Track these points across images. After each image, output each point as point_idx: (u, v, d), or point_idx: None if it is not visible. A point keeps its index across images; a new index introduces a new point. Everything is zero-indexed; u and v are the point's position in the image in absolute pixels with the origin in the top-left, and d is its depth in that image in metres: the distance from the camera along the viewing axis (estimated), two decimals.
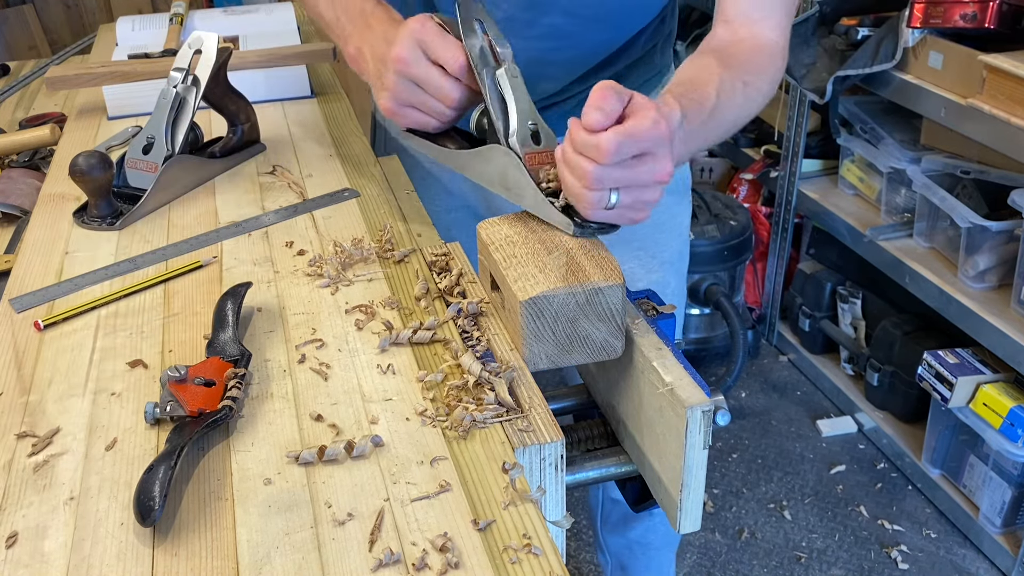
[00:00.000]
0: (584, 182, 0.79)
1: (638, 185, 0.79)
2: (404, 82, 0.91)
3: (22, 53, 3.60)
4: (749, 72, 0.96)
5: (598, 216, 0.82)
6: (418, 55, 0.89)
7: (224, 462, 0.72)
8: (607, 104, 0.76)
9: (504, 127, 0.90)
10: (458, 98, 0.92)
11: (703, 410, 0.72)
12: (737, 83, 0.94)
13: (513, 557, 0.62)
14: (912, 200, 2.18)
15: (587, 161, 0.77)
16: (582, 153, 0.78)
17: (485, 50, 0.90)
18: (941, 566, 2.04)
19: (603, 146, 0.75)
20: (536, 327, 0.79)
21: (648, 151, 0.78)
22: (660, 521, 1.57)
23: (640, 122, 0.76)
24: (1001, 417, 1.85)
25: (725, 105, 0.92)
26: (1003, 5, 1.76)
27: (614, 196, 0.79)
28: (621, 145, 0.75)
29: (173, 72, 1.14)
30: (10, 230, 1.19)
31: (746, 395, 2.59)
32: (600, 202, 0.79)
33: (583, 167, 0.78)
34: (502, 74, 0.90)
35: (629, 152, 0.77)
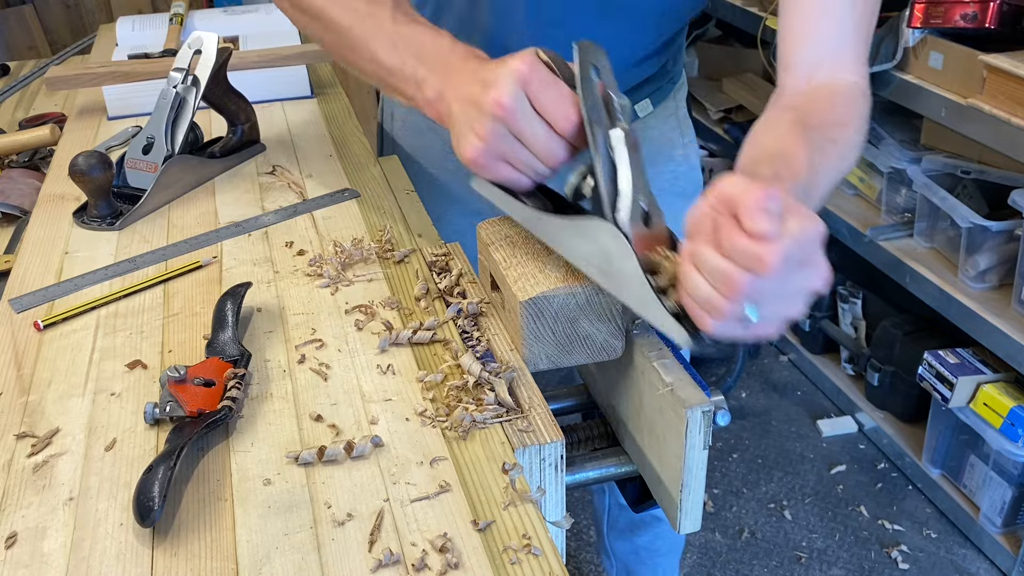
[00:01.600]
0: (726, 293, 0.64)
1: (787, 297, 0.65)
2: (502, 133, 0.77)
3: (22, 53, 3.60)
4: (834, 127, 0.84)
5: (725, 332, 0.67)
6: (523, 104, 0.75)
7: (224, 462, 0.72)
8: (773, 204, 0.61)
9: (612, 200, 0.74)
10: (564, 159, 0.78)
11: (703, 410, 0.72)
12: (826, 145, 0.81)
13: (513, 557, 0.62)
14: (912, 200, 2.18)
15: (738, 270, 0.62)
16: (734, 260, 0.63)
17: (600, 103, 0.75)
18: (941, 566, 2.04)
19: (768, 257, 0.61)
20: (536, 327, 0.79)
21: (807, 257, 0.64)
22: (668, 528, 1.57)
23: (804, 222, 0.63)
24: (1001, 417, 1.85)
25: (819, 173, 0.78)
26: (1003, 5, 1.76)
27: (754, 311, 0.64)
28: (788, 256, 0.61)
29: (173, 72, 1.14)
30: (10, 230, 1.19)
31: (746, 395, 2.59)
32: (736, 316, 0.65)
33: (730, 276, 0.63)
34: (618, 136, 0.74)
35: (795, 263, 0.63)
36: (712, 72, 3.12)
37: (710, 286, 0.65)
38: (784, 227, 0.61)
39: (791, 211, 0.63)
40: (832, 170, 0.82)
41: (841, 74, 0.88)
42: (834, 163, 0.82)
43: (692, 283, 0.67)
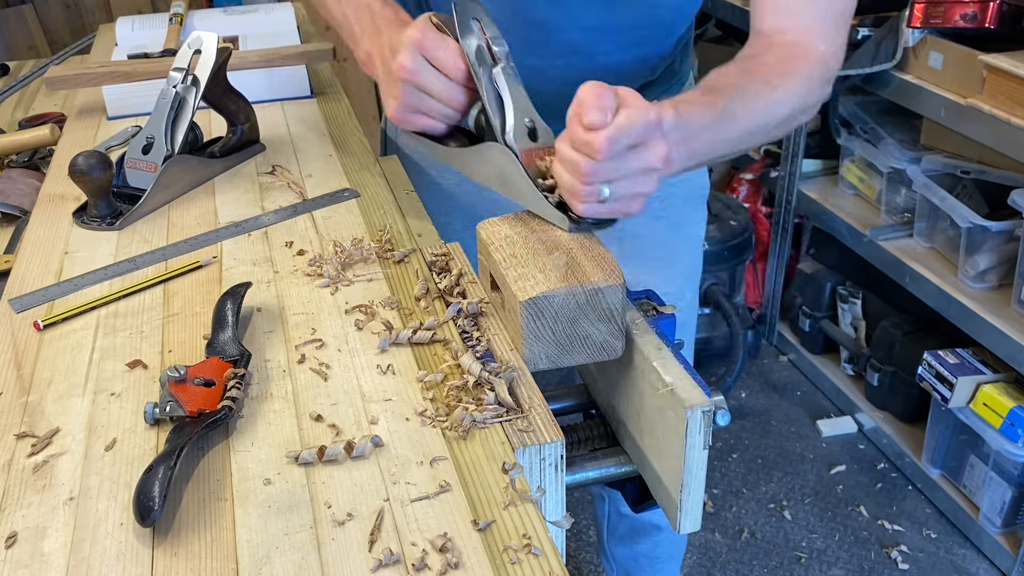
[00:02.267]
0: (577, 178, 0.80)
1: (630, 176, 0.80)
2: (410, 90, 0.92)
3: (22, 53, 3.60)
4: (776, 75, 0.95)
5: (591, 211, 0.83)
6: (420, 63, 0.90)
7: (224, 462, 0.72)
8: (605, 101, 0.77)
9: (501, 124, 0.91)
10: (463, 101, 0.93)
11: (703, 410, 0.72)
12: (760, 86, 0.94)
13: (513, 557, 0.62)
14: (912, 200, 2.18)
15: (582, 157, 0.79)
16: (578, 150, 0.79)
17: (482, 49, 0.91)
18: (941, 566, 2.04)
19: (597, 143, 0.77)
20: (536, 327, 0.79)
21: (640, 141, 0.79)
22: (667, 535, 1.57)
23: (631, 113, 0.77)
24: (1001, 417, 1.85)
25: (740, 108, 0.91)
26: (1003, 5, 1.76)
27: (606, 189, 0.80)
28: (615, 140, 0.77)
29: (173, 72, 1.14)
30: (10, 230, 1.19)
31: (746, 395, 2.59)
32: (591, 196, 0.81)
33: (577, 163, 0.79)
34: (498, 72, 0.91)
35: (623, 145, 0.78)
36: None
37: (568, 175, 0.82)
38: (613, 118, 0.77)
39: (625, 105, 0.78)
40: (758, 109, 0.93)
41: (807, 39, 0.98)
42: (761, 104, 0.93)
43: (557, 174, 0.84)
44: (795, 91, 0.96)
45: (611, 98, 0.78)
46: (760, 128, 0.95)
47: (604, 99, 0.77)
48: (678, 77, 1.27)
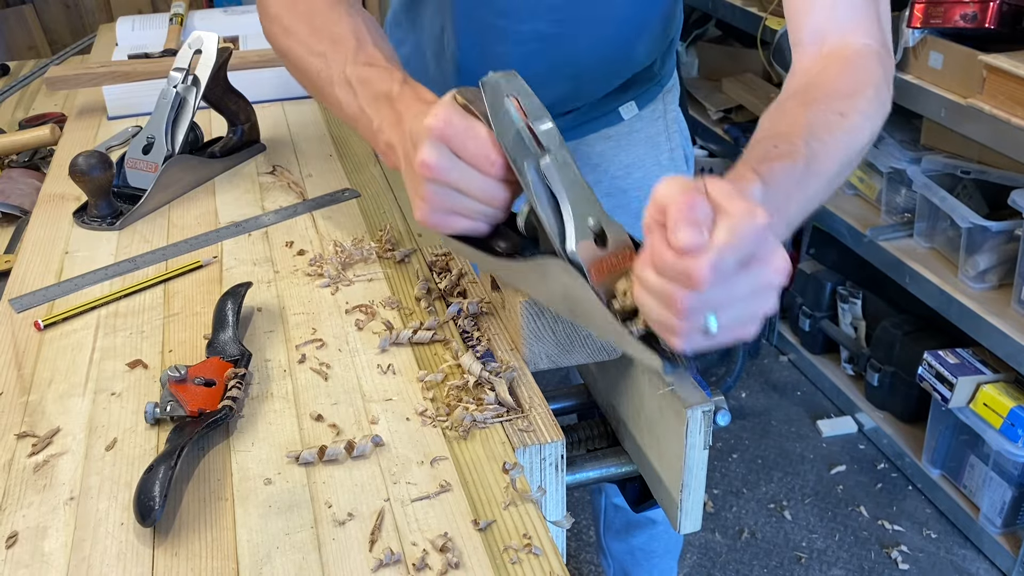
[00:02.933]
0: (674, 313, 0.62)
1: (743, 299, 0.62)
2: (439, 191, 0.76)
3: (22, 53, 3.60)
4: (841, 98, 0.81)
5: (695, 347, 0.64)
6: (447, 159, 0.74)
7: (224, 462, 0.72)
8: (699, 211, 0.59)
9: (559, 233, 0.72)
10: (506, 198, 0.77)
11: (703, 410, 0.72)
12: (831, 117, 0.79)
13: (513, 557, 0.62)
14: (912, 200, 2.18)
15: (677, 289, 0.60)
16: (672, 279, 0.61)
17: (522, 134, 0.73)
18: (941, 566, 2.04)
19: (697, 272, 0.58)
20: (536, 327, 0.79)
21: (753, 254, 0.61)
22: (663, 529, 1.57)
23: (734, 223, 0.59)
24: (1001, 417, 1.85)
25: (821, 150, 0.76)
26: (1003, 5, 1.76)
27: (713, 321, 0.62)
28: (720, 265, 0.59)
29: (173, 72, 1.14)
30: (10, 230, 1.19)
31: (746, 395, 2.59)
32: (696, 331, 0.62)
33: (671, 296, 0.61)
34: (547, 165, 0.72)
35: (732, 266, 0.60)
36: (712, 72, 3.12)
37: (659, 307, 0.63)
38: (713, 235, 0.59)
39: (724, 212, 0.59)
40: (839, 147, 0.78)
41: (851, 38, 0.85)
42: (841, 139, 0.78)
43: (645, 306, 0.65)
44: (869, 111, 0.82)
45: (704, 206, 0.59)
46: (845, 166, 0.80)
47: (696, 209, 0.58)
48: (658, 79, 1.24)
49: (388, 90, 0.85)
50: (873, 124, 0.82)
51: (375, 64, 0.88)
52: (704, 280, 0.58)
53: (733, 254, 0.59)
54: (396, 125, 0.82)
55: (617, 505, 1.58)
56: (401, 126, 0.81)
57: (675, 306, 0.61)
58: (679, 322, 0.62)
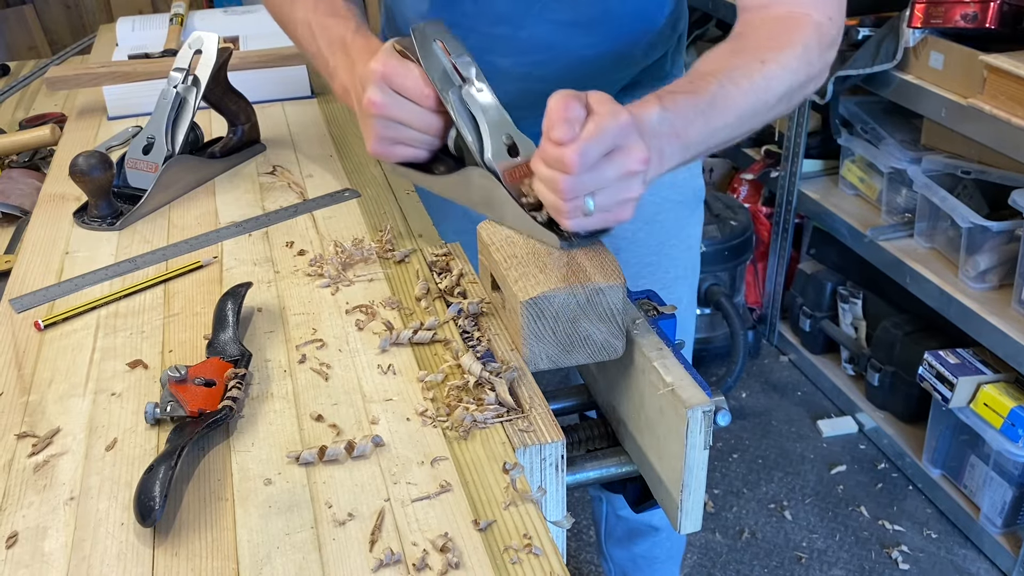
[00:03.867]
0: (557, 195, 0.77)
1: (611, 183, 0.77)
2: (383, 124, 0.90)
3: (22, 53, 3.60)
4: (766, 50, 0.90)
5: (579, 226, 0.80)
6: (388, 96, 0.88)
7: (224, 462, 0.72)
8: (571, 112, 0.74)
9: (479, 146, 0.88)
10: (438, 126, 0.91)
11: (704, 410, 0.72)
12: (752, 63, 0.88)
13: (514, 557, 0.62)
14: (913, 200, 2.18)
15: (557, 174, 0.76)
16: (552, 167, 0.77)
17: (447, 71, 0.89)
18: (942, 566, 2.04)
19: (568, 158, 0.74)
20: (537, 327, 0.79)
21: (615, 146, 0.76)
22: (665, 536, 1.56)
23: (599, 120, 0.74)
24: (1002, 417, 1.85)
25: (733, 90, 0.86)
26: (1003, 5, 1.76)
27: (590, 202, 0.77)
28: (586, 151, 0.74)
29: (173, 72, 1.14)
30: (10, 230, 1.19)
31: (746, 395, 2.59)
32: (576, 211, 0.78)
33: (554, 180, 0.77)
34: (468, 92, 0.88)
35: (597, 154, 0.75)
36: None
37: (549, 193, 0.79)
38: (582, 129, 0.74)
39: (594, 112, 0.75)
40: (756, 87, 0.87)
41: (794, 7, 0.93)
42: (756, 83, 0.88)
43: (539, 192, 0.81)
44: (791, 64, 0.90)
45: (577, 107, 0.75)
46: (759, 108, 0.89)
47: (570, 110, 0.74)
48: (668, 79, 1.23)
49: (342, 36, 0.99)
50: (794, 78, 0.90)
51: (336, 14, 1.02)
52: (574, 164, 0.74)
53: (598, 144, 0.74)
54: (348, 69, 0.96)
55: (619, 515, 1.57)
56: (352, 70, 0.95)
57: (557, 188, 0.77)
58: (563, 203, 0.78)
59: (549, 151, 0.76)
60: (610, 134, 0.75)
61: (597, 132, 0.74)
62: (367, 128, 0.92)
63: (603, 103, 0.76)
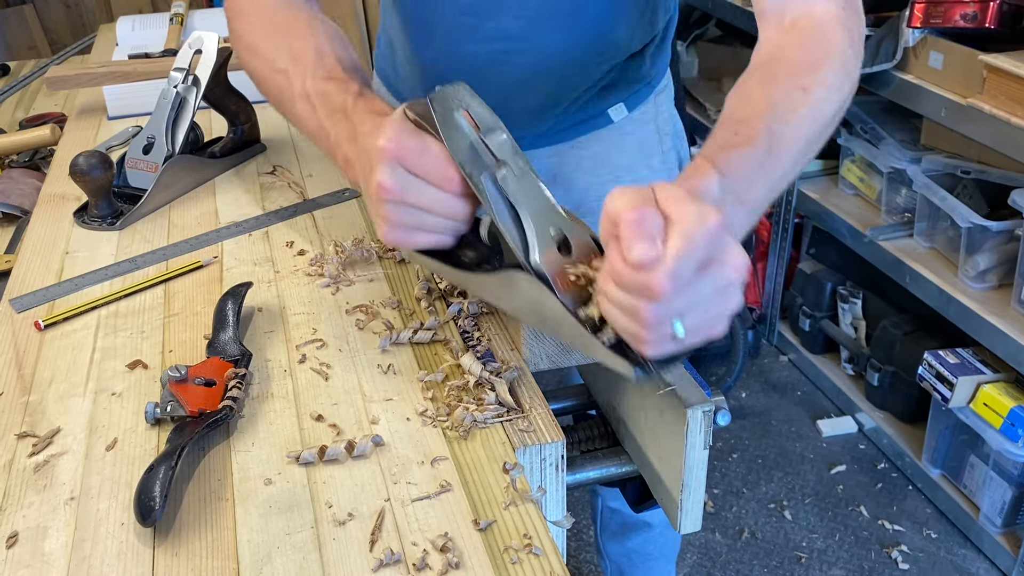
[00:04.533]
0: (640, 324, 0.63)
1: (706, 301, 0.63)
2: (399, 210, 0.76)
3: (22, 53, 3.60)
4: (803, 73, 0.80)
5: (665, 352, 0.65)
6: (403, 179, 0.74)
7: (224, 462, 0.72)
8: (648, 225, 0.60)
9: (522, 245, 0.72)
10: (466, 211, 0.77)
11: (703, 410, 0.72)
12: (793, 94, 0.78)
13: (514, 557, 0.62)
14: (912, 200, 2.18)
15: (640, 301, 0.62)
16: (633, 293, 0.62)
17: (477, 147, 0.73)
18: (941, 566, 2.04)
19: (656, 285, 0.60)
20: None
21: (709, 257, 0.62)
22: (659, 532, 1.56)
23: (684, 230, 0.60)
24: (1001, 417, 1.85)
25: (784, 131, 0.76)
26: (1003, 5, 1.76)
27: (679, 326, 0.63)
28: (678, 274, 0.60)
29: (173, 72, 1.14)
30: (10, 230, 1.19)
31: (746, 395, 2.59)
32: (664, 339, 0.64)
33: (635, 309, 0.63)
34: (504, 176, 0.72)
35: (690, 273, 0.61)
36: (712, 72, 3.12)
37: (628, 320, 0.64)
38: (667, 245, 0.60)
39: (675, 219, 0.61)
40: (803, 124, 0.78)
41: (813, 5, 0.84)
42: (805, 115, 0.78)
43: (612, 318, 0.66)
44: (834, 82, 0.80)
45: (654, 218, 0.60)
46: (813, 141, 0.79)
47: (647, 223, 0.60)
48: (648, 80, 1.19)
49: (343, 103, 0.85)
50: (840, 96, 0.81)
51: (333, 77, 0.87)
52: (663, 291, 0.60)
53: (689, 261, 0.60)
54: (352, 140, 0.82)
55: (612, 508, 1.57)
56: (356, 141, 0.81)
57: (640, 318, 0.62)
58: (646, 332, 0.63)
59: (627, 277, 0.61)
60: (702, 245, 0.61)
61: (687, 247, 0.60)
62: (377, 213, 0.77)
63: (682, 203, 0.61)
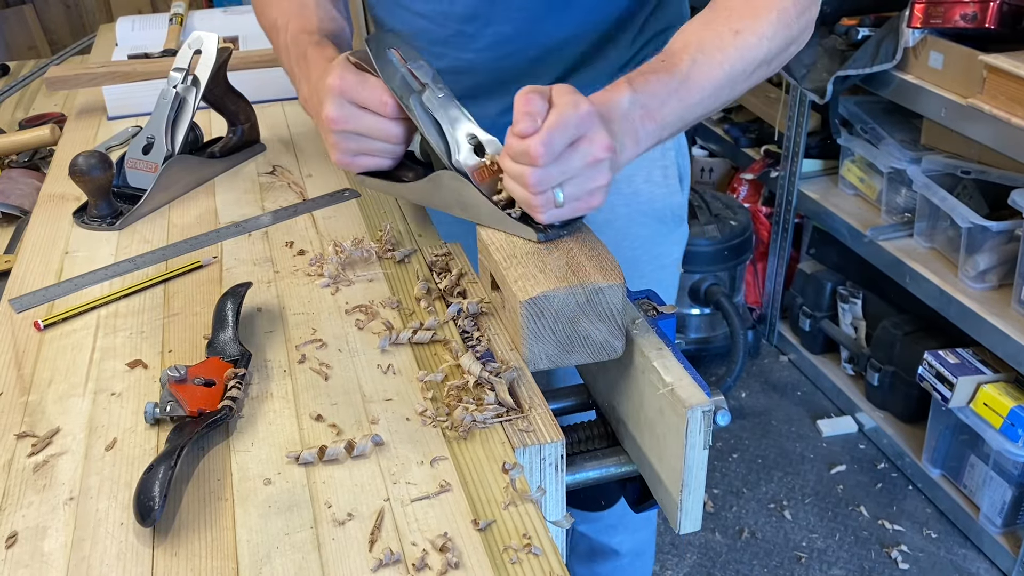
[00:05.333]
0: (527, 189, 0.79)
1: (578, 173, 0.79)
2: (344, 136, 0.91)
3: (22, 53, 3.60)
4: (739, 19, 0.90)
5: (553, 217, 0.82)
6: (346, 109, 0.89)
7: (224, 462, 0.72)
8: (533, 106, 0.76)
9: (445, 149, 0.89)
10: (401, 133, 0.92)
11: (703, 410, 0.72)
12: (725, 35, 0.89)
13: (513, 557, 0.62)
14: (912, 200, 2.18)
15: (523, 167, 0.78)
16: (519, 161, 0.79)
17: (406, 77, 0.89)
18: (941, 566, 2.04)
19: (532, 150, 0.76)
20: (536, 327, 0.79)
21: (578, 135, 0.78)
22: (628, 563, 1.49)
23: (560, 110, 0.76)
24: (1001, 417, 1.85)
25: (706, 63, 0.87)
26: (1003, 5, 1.76)
27: (559, 193, 0.79)
28: (549, 142, 0.76)
29: (173, 72, 1.14)
30: (10, 230, 1.19)
31: (746, 395, 2.59)
32: (548, 203, 0.80)
33: (521, 174, 0.78)
34: (428, 97, 0.89)
35: (561, 145, 0.77)
36: None
37: (518, 187, 0.80)
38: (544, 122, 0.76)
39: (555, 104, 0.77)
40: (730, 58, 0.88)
41: None
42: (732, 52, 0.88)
43: (509, 189, 0.83)
44: (767, 31, 0.90)
45: (538, 101, 0.77)
46: (736, 78, 0.89)
47: (532, 103, 0.77)
48: None
49: (305, 51, 1.00)
50: (771, 44, 0.90)
51: (306, 29, 1.03)
52: (539, 155, 0.76)
53: (561, 134, 0.76)
54: (307, 80, 0.98)
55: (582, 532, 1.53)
56: (310, 82, 0.97)
57: (525, 182, 0.78)
58: (533, 196, 0.79)
59: (514, 145, 0.78)
60: (572, 123, 0.77)
61: (559, 122, 0.76)
62: (328, 142, 0.93)
63: (564, 94, 0.78)
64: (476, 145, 0.90)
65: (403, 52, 0.90)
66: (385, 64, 0.89)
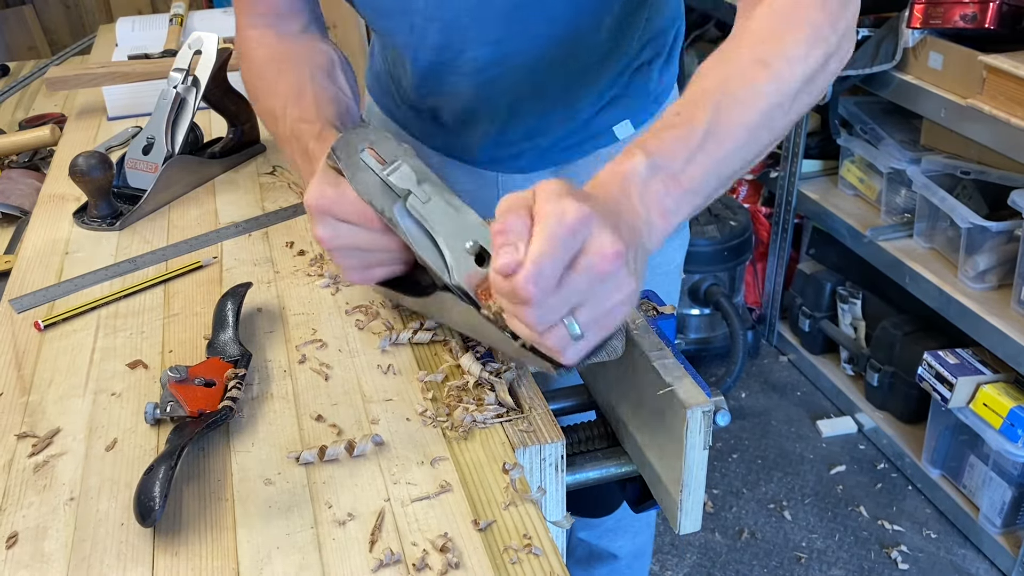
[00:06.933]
0: (531, 329, 0.64)
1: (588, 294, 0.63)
2: (343, 253, 0.82)
3: (22, 53, 3.60)
4: (763, 44, 0.75)
5: (577, 354, 0.67)
6: (333, 228, 0.79)
7: (224, 462, 0.72)
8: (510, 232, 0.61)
9: (441, 265, 0.75)
10: (396, 242, 0.81)
11: (703, 410, 0.72)
12: (750, 67, 0.74)
13: (513, 557, 0.62)
14: (912, 200, 2.18)
15: (519, 308, 0.62)
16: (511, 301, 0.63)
17: (385, 182, 0.77)
18: (941, 566, 2.04)
19: (521, 291, 0.60)
20: None
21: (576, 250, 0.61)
22: (625, 565, 1.48)
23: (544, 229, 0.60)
24: (1001, 417, 1.85)
25: (734, 106, 0.73)
26: (1003, 5, 1.76)
27: (574, 326, 0.63)
28: (538, 276, 0.60)
29: (173, 72, 1.14)
30: (10, 230, 1.19)
31: (746, 395, 2.59)
32: (563, 340, 0.64)
33: (520, 315, 0.63)
34: (412, 205, 0.76)
35: (554, 273, 0.60)
36: None
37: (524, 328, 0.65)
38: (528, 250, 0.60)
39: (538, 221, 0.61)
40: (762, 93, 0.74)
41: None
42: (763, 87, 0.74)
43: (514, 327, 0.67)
44: (798, 51, 0.75)
45: (515, 222, 0.61)
46: (773, 114, 0.75)
47: (508, 227, 0.61)
48: (655, 96, 1.12)
49: (306, 146, 0.90)
50: (807, 65, 0.75)
51: (304, 119, 0.92)
52: (530, 294, 0.60)
53: (550, 260, 0.60)
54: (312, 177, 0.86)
55: (580, 538, 1.52)
56: None
57: (527, 323, 0.63)
58: (541, 336, 0.64)
59: (500, 285, 0.62)
60: (561, 242, 0.60)
61: (546, 247, 0.60)
62: (334, 260, 0.83)
63: (547, 201, 0.61)
64: (478, 253, 0.74)
65: (379, 149, 0.78)
66: (357, 172, 0.77)
